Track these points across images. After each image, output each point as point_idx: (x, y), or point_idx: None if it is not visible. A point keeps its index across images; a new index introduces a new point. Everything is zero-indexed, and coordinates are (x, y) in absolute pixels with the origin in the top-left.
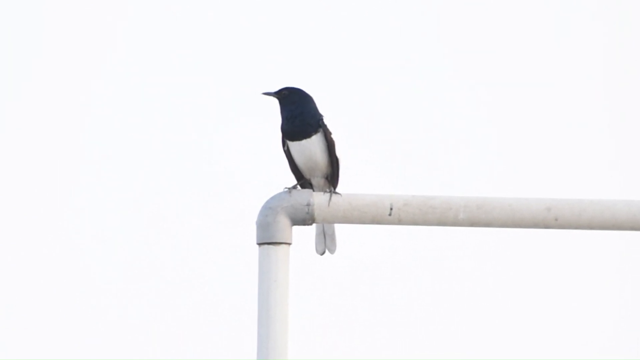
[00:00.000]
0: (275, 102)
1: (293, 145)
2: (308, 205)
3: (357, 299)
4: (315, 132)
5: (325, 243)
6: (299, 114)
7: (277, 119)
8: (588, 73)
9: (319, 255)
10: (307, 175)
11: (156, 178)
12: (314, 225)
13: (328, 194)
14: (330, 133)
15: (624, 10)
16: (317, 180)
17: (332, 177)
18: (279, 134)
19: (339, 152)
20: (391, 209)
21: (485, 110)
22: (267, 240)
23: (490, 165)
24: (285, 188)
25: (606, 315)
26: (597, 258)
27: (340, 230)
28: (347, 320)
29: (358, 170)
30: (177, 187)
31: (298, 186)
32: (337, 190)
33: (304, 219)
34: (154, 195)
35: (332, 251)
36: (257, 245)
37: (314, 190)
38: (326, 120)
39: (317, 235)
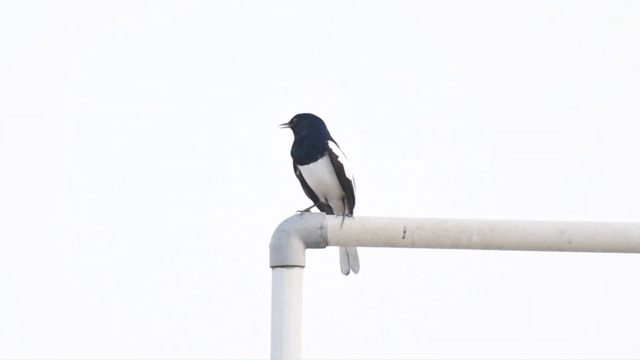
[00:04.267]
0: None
1: (303, 169)
2: (321, 228)
3: (371, 322)
4: (322, 155)
5: (349, 263)
6: (304, 138)
7: (289, 142)
8: (601, 96)
9: (344, 275)
10: (321, 198)
11: (171, 200)
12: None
13: (341, 217)
14: (336, 157)
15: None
16: (334, 202)
17: (347, 199)
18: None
19: (349, 174)
20: (404, 231)
21: (499, 133)
22: (280, 263)
23: (503, 188)
24: (298, 211)
25: (620, 336)
26: (611, 281)
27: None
28: (359, 342)
29: (372, 192)
30: (191, 210)
31: (312, 209)
32: (354, 211)
33: (317, 241)
34: (169, 218)
35: (356, 271)
36: (271, 268)
37: (333, 212)
38: (333, 144)
39: (341, 255)
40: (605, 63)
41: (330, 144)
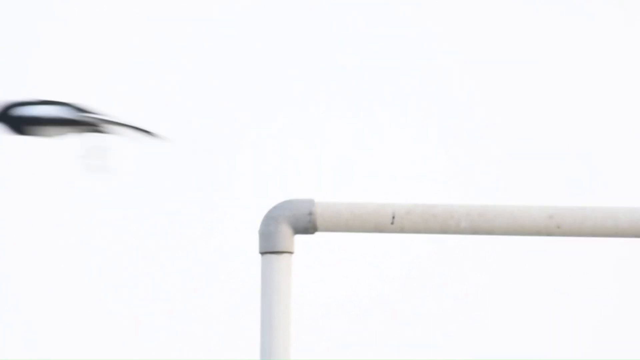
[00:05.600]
0: (282, 112)
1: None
2: (310, 214)
3: (361, 308)
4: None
5: None
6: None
7: (283, 126)
8: (590, 78)
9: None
10: None
11: (157, 187)
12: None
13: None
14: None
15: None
16: None
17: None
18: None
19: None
20: (393, 217)
21: (487, 117)
22: (270, 249)
23: (491, 172)
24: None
25: (608, 321)
26: (600, 265)
27: (342, 240)
28: (350, 329)
29: (360, 178)
30: (179, 196)
31: None
32: (343, 198)
33: (306, 227)
34: (156, 204)
35: None
36: (260, 255)
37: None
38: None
39: None
40: (589, 46)
41: None
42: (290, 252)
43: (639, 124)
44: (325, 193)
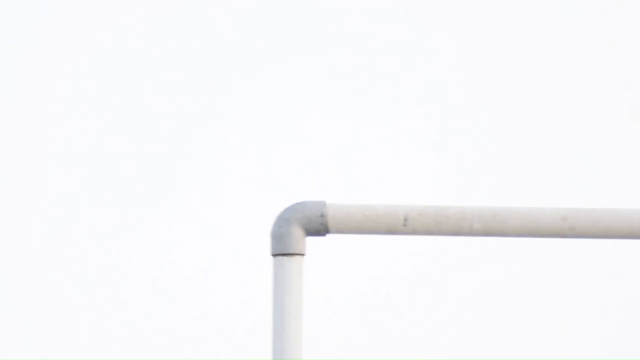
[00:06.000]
0: (292, 113)
1: None
2: (322, 216)
3: (373, 310)
4: None
5: None
6: None
7: (295, 128)
8: (604, 78)
9: None
10: None
11: (168, 189)
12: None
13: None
14: None
15: None
16: None
17: None
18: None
19: None
20: (406, 219)
21: (499, 118)
22: (281, 251)
23: (504, 174)
24: None
25: (622, 323)
26: (613, 267)
27: (354, 241)
28: (361, 330)
29: (372, 180)
30: (190, 198)
31: None
32: (354, 199)
33: (318, 229)
34: (164, 205)
35: None
36: (272, 257)
37: None
38: None
39: None
40: (602, 47)
41: None
42: (302, 254)
43: None
44: (337, 195)
